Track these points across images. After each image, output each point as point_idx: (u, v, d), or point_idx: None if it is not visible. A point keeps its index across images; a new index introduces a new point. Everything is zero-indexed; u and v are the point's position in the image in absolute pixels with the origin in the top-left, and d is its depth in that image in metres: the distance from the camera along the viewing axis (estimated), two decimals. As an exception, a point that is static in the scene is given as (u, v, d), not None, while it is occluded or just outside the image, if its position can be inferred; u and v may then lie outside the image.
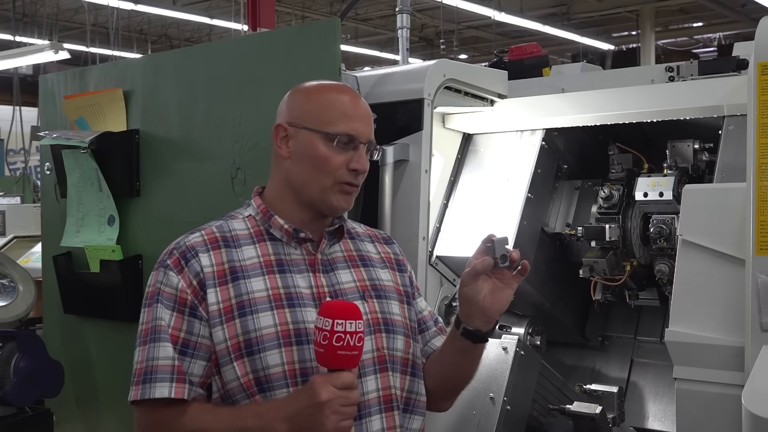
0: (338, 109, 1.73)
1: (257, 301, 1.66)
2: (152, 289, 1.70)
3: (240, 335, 1.64)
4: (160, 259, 1.73)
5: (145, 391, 1.62)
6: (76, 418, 3.27)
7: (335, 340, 1.51)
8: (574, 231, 2.93)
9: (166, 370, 1.63)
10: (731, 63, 2.64)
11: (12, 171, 10.89)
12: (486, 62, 6.25)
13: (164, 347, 1.64)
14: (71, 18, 15.37)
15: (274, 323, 1.65)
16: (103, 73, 3.17)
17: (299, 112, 1.75)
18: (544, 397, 2.62)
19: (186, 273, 1.67)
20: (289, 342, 1.65)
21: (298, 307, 1.68)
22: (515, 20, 14.14)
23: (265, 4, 8.47)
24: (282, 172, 1.76)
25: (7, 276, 3.53)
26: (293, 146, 1.74)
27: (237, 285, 1.67)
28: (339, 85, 1.84)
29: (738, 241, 2.14)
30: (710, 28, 18.15)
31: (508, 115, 2.91)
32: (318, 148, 1.71)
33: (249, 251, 1.72)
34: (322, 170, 1.71)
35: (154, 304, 1.68)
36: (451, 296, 2.80)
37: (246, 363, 1.64)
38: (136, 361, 1.66)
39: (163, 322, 1.66)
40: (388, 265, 1.88)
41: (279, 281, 1.69)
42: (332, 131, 1.71)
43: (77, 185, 3.10)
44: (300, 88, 1.81)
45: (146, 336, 1.67)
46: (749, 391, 1.94)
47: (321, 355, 1.53)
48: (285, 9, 15.02)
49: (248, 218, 1.78)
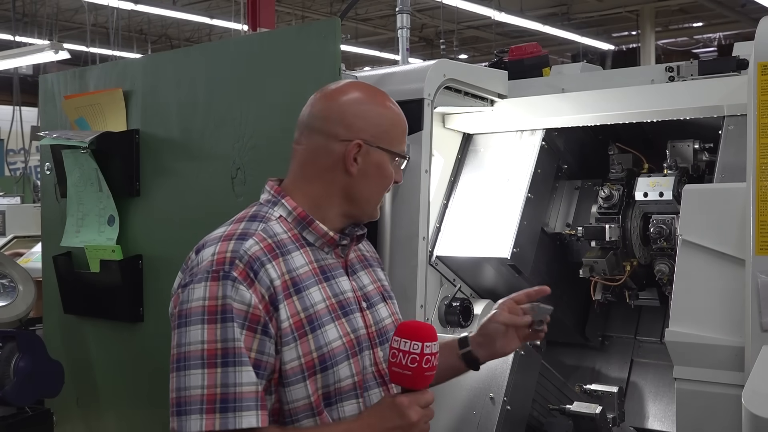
0: (401, 127, 1.77)
1: (320, 314, 1.62)
2: (212, 303, 1.53)
3: (314, 351, 1.59)
4: (215, 269, 1.56)
5: (227, 421, 1.48)
6: (76, 418, 3.27)
7: (424, 363, 1.53)
8: (574, 231, 2.93)
9: (251, 397, 1.51)
10: (731, 63, 2.64)
11: (12, 171, 10.90)
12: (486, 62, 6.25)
13: (247, 372, 1.51)
14: (71, 18, 15.38)
15: (339, 335, 1.63)
16: (103, 73, 3.16)
17: (375, 131, 1.71)
18: (544, 397, 2.62)
19: (257, 287, 1.55)
20: (355, 352, 1.65)
21: (350, 315, 1.68)
22: (515, 20, 14.14)
23: (265, 4, 8.47)
24: (338, 183, 1.70)
25: (7, 276, 3.53)
26: (362, 163, 1.70)
27: (301, 298, 1.60)
28: (387, 96, 1.80)
29: (738, 241, 2.14)
30: (710, 28, 18.15)
31: (508, 115, 2.91)
32: (388, 167, 1.74)
33: (298, 259, 1.64)
34: (385, 186, 1.76)
35: (222, 322, 1.52)
36: (451, 296, 2.80)
37: (318, 379, 1.60)
38: (201, 385, 1.50)
39: (240, 343, 1.51)
40: (379, 265, 1.91)
41: (329, 290, 1.66)
42: (399, 151, 1.74)
43: (77, 185, 3.10)
44: (359, 98, 1.74)
45: (213, 358, 1.50)
46: (749, 391, 1.94)
47: (406, 377, 1.54)
48: (285, 9, 15.03)
49: (280, 220, 1.69)
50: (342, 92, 1.75)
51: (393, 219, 2.52)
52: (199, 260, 1.60)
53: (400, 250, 2.49)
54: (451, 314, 2.75)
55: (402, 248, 2.50)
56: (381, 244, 2.47)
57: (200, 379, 1.50)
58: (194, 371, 1.51)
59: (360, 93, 1.75)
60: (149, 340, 2.93)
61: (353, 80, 1.90)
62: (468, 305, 2.77)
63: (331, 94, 1.75)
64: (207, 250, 1.61)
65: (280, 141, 2.38)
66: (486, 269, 2.82)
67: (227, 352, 1.51)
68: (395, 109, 1.78)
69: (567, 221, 3.02)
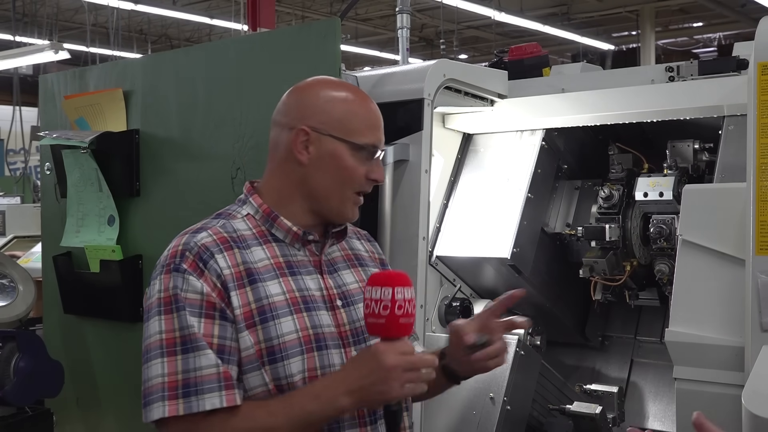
0: (364, 117, 1.70)
1: (277, 305, 1.60)
2: (166, 294, 1.57)
3: (262, 342, 1.58)
4: (167, 263, 1.61)
5: (190, 404, 1.51)
6: (76, 418, 3.27)
7: (397, 309, 1.50)
8: (574, 231, 2.93)
9: (212, 379, 1.53)
10: (731, 63, 2.64)
11: (12, 171, 10.89)
12: (486, 62, 6.25)
13: (205, 355, 1.53)
14: (71, 18, 15.37)
15: (296, 329, 1.60)
16: (103, 73, 3.17)
17: (324, 117, 1.67)
18: (544, 397, 2.63)
19: (207, 275, 1.57)
20: (311, 348, 1.61)
21: (313, 311, 1.64)
22: (515, 20, 14.15)
23: (265, 4, 8.48)
24: (295, 176, 1.69)
25: (7, 276, 3.53)
26: (314, 152, 1.67)
27: (255, 289, 1.60)
28: (356, 88, 1.78)
29: (738, 241, 2.14)
30: (710, 28, 18.15)
31: (508, 115, 2.91)
32: (345, 158, 1.67)
33: (258, 252, 1.65)
34: (347, 181, 1.68)
35: (176, 312, 1.55)
36: (451, 296, 2.80)
37: (267, 371, 1.58)
38: (162, 374, 1.53)
39: (195, 329, 1.54)
40: (377, 265, 1.87)
41: (293, 284, 1.64)
42: (360, 142, 1.68)
43: (77, 185, 3.10)
44: (312, 87, 1.73)
45: (173, 346, 1.54)
46: (749, 391, 1.94)
47: (380, 326, 1.51)
48: (285, 9, 15.02)
49: (247, 217, 1.70)
50: (305, 85, 1.75)
51: (393, 219, 2.52)
52: (160, 258, 1.66)
53: (400, 250, 2.49)
54: (451, 314, 2.75)
55: (402, 248, 2.50)
56: (381, 244, 2.46)
57: (160, 368, 1.54)
58: (155, 361, 1.55)
59: (323, 84, 1.74)
60: (149, 340, 2.92)
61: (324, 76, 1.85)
62: (468, 305, 2.77)
63: (295, 88, 1.76)
64: (168, 247, 1.66)
65: (280, 141, 2.38)
66: (486, 269, 2.82)
67: (184, 339, 1.54)
68: (361, 101, 1.72)
69: (567, 221, 3.02)
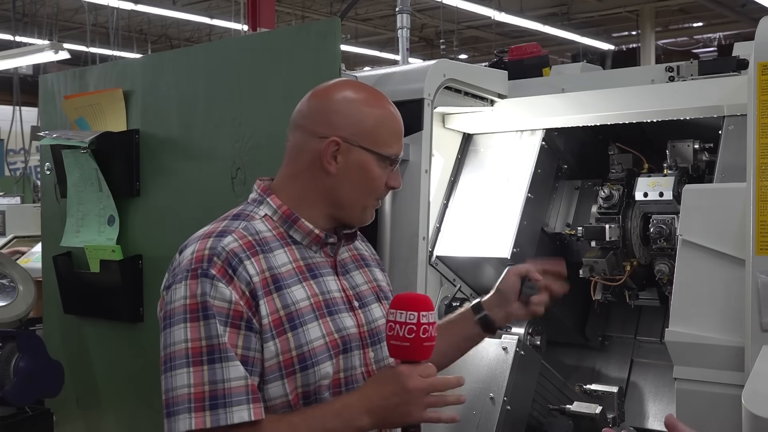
0: (390, 128, 1.69)
1: (303, 311, 1.59)
2: (193, 301, 1.52)
3: (293, 349, 1.56)
4: (194, 267, 1.55)
5: (218, 417, 1.48)
6: (76, 418, 3.27)
7: (422, 332, 1.51)
8: (574, 231, 2.93)
9: (240, 392, 1.50)
10: (731, 63, 2.64)
11: (12, 171, 10.89)
12: (486, 62, 6.25)
13: (234, 367, 1.50)
14: (71, 18, 15.38)
15: (323, 334, 1.60)
16: (103, 73, 3.17)
17: (356, 129, 1.65)
18: (544, 397, 2.63)
19: (237, 283, 1.53)
20: (338, 352, 1.62)
21: (336, 314, 1.64)
22: (515, 20, 14.15)
23: (265, 4, 8.48)
24: (320, 183, 1.67)
25: (7, 276, 3.53)
26: (342, 163, 1.65)
27: (282, 295, 1.58)
28: (381, 95, 1.75)
29: (738, 241, 2.14)
30: (710, 28, 18.16)
31: (508, 115, 2.91)
32: (373, 169, 1.67)
33: (281, 256, 1.62)
34: (371, 190, 1.69)
35: (204, 320, 1.51)
36: (451, 296, 2.80)
37: (298, 378, 1.57)
38: (188, 384, 1.49)
39: (224, 339, 1.50)
40: (378, 265, 1.89)
41: (315, 288, 1.64)
42: (387, 153, 1.67)
43: (77, 185, 3.10)
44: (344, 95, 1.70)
45: (199, 356, 1.50)
46: (749, 391, 1.94)
47: (404, 348, 1.52)
48: (285, 9, 15.03)
49: (265, 218, 1.67)
50: (330, 89, 1.72)
51: (393, 219, 2.52)
52: (180, 260, 1.60)
53: (400, 250, 2.49)
54: (451, 314, 2.74)
55: (402, 248, 2.50)
56: (381, 244, 2.47)
57: (186, 378, 1.50)
58: (180, 371, 1.50)
59: (349, 91, 1.71)
60: (149, 340, 2.91)
61: (349, 79, 1.85)
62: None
63: (320, 92, 1.73)
64: (188, 250, 1.60)
65: (280, 141, 2.37)
66: (486, 269, 2.82)
67: (212, 348, 1.50)
68: (387, 109, 1.71)
69: (567, 221, 3.02)
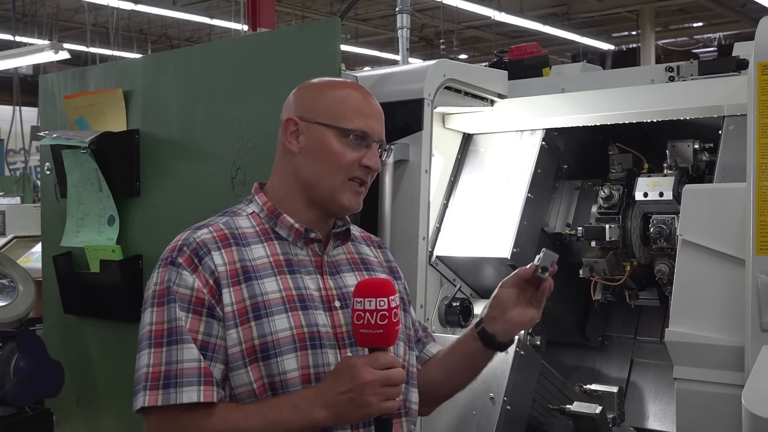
0: (352, 105, 1.71)
1: (271, 302, 1.61)
2: (161, 288, 1.60)
3: (256, 338, 1.58)
4: (165, 256, 1.64)
5: (168, 396, 1.54)
6: (76, 418, 3.27)
7: (393, 317, 1.50)
8: (574, 231, 2.93)
9: (192, 373, 1.55)
10: (731, 63, 2.64)
11: (12, 171, 10.88)
12: (486, 62, 6.25)
13: (188, 349, 1.56)
14: (71, 18, 15.37)
15: (290, 326, 1.61)
16: (103, 73, 3.17)
17: (312, 106, 1.70)
18: (544, 397, 2.62)
19: (201, 272, 1.59)
20: (305, 346, 1.61)
21: (310, 310, 1.64)
22: (515, 20, 14.14)
23: (265, 4, 8.47)
24: (290, 167, 1.72)
25: (7, 276, 3.53)
26: (304, 141, 1.69)
27: (250, 286, 1.61)
28: (351, 82, 1.81)
29: (738, 241, 2.14)
30: (710, 28, 18.15)
31: (508, 115, 2.91)
32: (331, 143, 1.67)
33: (258, 250, 1.66)
34: (335, 166, 1.68)
35: (167, 305, 1.59)
36: (451, 296, 2.80)
37: (261, 367, 1.59)
38: (147, 364, 1.57)
39: (182, 322, 1.57)
40: (386, 271, 1.86)
41: (290, 282, 1.65)
42: (347, 127, 1.68)
43: (77, 185, 3.10)
44: (310, 83, 1.78)
45: (160, 338, 1.57)
46: (749, 391, 1.94)
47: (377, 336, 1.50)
48: (285, 9, 15.03)
49: (252, 215, 1.72)
50: (304, 83, 1.79)
51: (393, 219, 2.52)
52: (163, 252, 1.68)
53: (400, 250, 2.49)
54: (451, 314, 2.75)
55: (402, 248, 2.50)
56: (381, 244, 2.47)
57: (147, 358, 1.58)
58: (143, 352, 1.59)
59: (320, 81, 1.77)
60: (149, 340, 2.92)
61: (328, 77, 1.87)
62: (468, 305, 2.77)
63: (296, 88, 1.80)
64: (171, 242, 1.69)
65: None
66: (486, 269, 2.82)
67: (171, 331, 1.57)
68: (351, 90, 1.73)
69: (567, 221, 3.02)
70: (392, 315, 1.50)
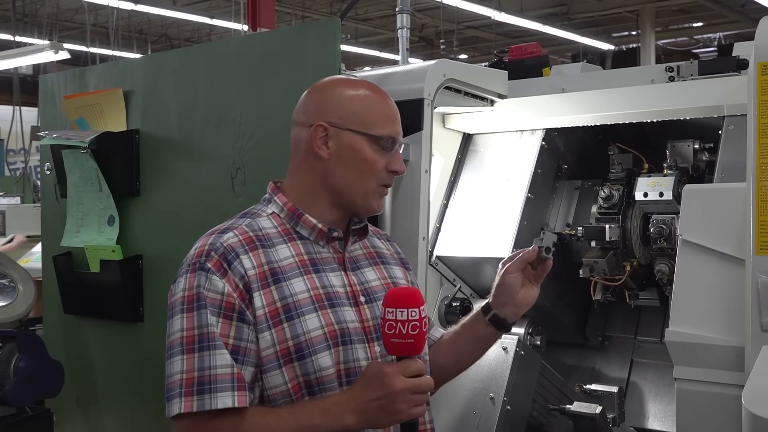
0: (381, 111, 1.74)
1: (301, 303, 1.64)
2: (190, 293, 1.61)
3: (289, 339, 1.61)
4: (192, 261, 1.64)
5: (203, 402, 1.55)
6: (76, 418, 3.27)
7: (424, 327, 1.54)
8: (574, 231, 2.93)
9: (226, 379, 1.56)
10: (731, 63, 2.64)
11: (12, 171, 10.90)
12: (486, 62, 6.25)
13: (221, 354, 1.57)
14: (71, 18, 15.38)
15: (321, 325, 1.64)
16: (103, 73, 3.17)
17: (342, 113, 1.71)
18: (544, 397, 2.63)
19: (231, 276, 1.60)
20: (337, 343, 1.65)
21: (338, 307, 1.68)
22: (515, 20, 14.15)
23: (265, 4, 8.48)
24: (317, 171, 1.73)
25: (7, 276, 3.53)
26: (334, 147, 1.71)
27: (279, 287, 1.63)
28: (367, 81, 1.82)
29: (738, 241, 2.14)
30: (710, 28, 18.16)
31: (508, 115, 2.91)
32: (365, 150, 1.70)
33: (283, 251, 1.68)
34: (368, 173, 1.72)
35: (197, 310, 1.59)
36: (451, 296, 2.80)
37: (296, 367, 1.61)
38: (180, 371, 1.57)
39: (213, 328, 1.58)
40: (398, 263, 1.91)
41: (317, 281, 1.68)
42: (378, 134, 1.71)
43: (77, 185, 3.10)
44: (329, 84, 1.78)
45: (191, 344, 1.58)
46: (749, 391, 1.94)
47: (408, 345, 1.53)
48: (285, 9, 15.03)
49: (272, 216, 1.74)
50: (322, 84, 1.79)
51: (393, 219, 2.52)
52: (187, 256, 1.68)
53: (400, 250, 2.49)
54: (451, 314, 2.75)
55: (402, 248, 2.48)
56: (381, 244, 2.47)
57: (180, 365, 1.58)
58: (176, 358, 1.59)
59: (338, 82, 1.78)
60: (149, 340, 2.93)
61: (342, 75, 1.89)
62: (468, 305, 2.77)
63: (312, 87, 1.80)
64: (194, 246, 1.69)
65: (280, 141, 2.38)
66: (486, 269, 2.82)
67: (203, 337, 1.58)
68: (376, 93, 1.76)
69: (567, 221, 3.02)
70: (423, 325, 1.53)
